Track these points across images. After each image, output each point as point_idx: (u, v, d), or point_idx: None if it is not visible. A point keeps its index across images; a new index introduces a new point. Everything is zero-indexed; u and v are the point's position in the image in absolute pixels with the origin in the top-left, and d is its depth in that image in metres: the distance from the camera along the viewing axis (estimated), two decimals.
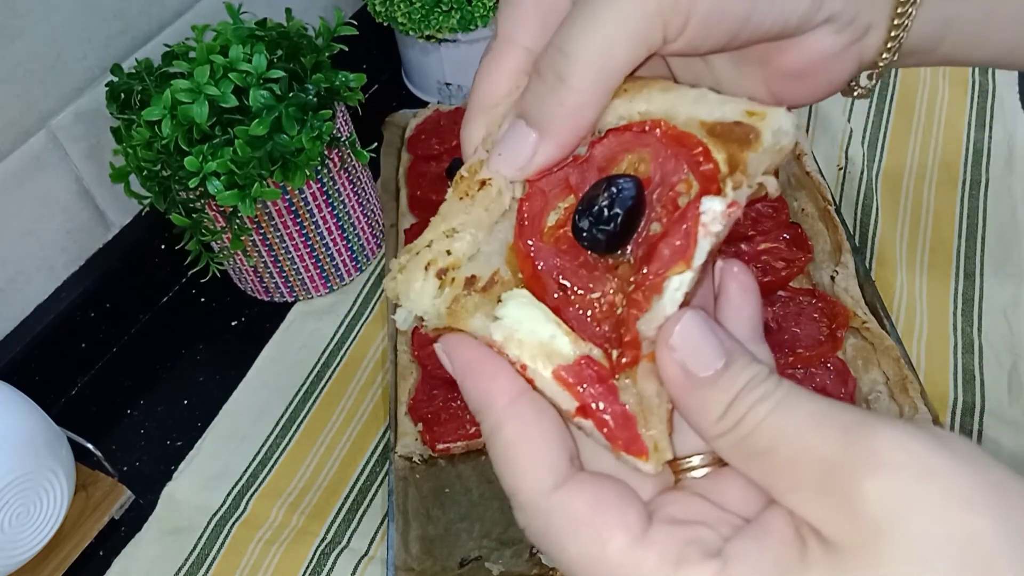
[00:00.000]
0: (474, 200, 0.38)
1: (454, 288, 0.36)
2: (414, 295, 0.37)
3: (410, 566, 0.66)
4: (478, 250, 0.37)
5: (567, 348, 0.34)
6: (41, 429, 0.68)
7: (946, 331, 0.76)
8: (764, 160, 0.35)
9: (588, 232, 0.35)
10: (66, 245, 0.84)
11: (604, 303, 0.36)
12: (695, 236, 0.34)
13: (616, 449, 0.34)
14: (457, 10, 0.94)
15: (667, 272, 0.34)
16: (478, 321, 0.35)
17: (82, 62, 0.80)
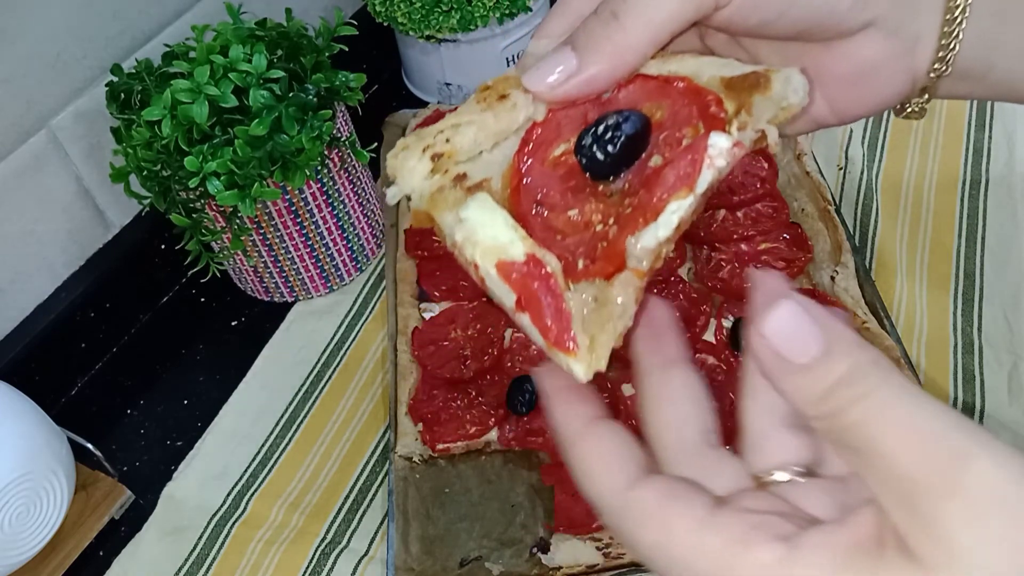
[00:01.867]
0: (490, 107, 0.40)
1: (444, 177, 0.38)
2: (407, 172, 0.39)
3: (410, 566, 0.66)
4: (480, 154, 0.39)
5: (519, 252, 0.36)
6: (41, 429, 0.68)
7: (946, 331, 0.76)
8: (769, 108, 0.37)
9: (588, 149, 0.37)
10: (66, 245, 0.84)
11: (579, 221, 0.38)
12: (701, 165, 0.36)
13: (548, 344, 0.36)
14: (457, 10, 0.94)
15: (669, 196, 0.36)
16: (450, 217, 0.37)
17: (82, 62, 0.80)
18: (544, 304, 0.36)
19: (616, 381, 0.74)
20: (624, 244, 0.36)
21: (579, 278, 0.37)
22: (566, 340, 0.36)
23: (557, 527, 0.66)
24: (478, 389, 0.76)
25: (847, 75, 0.42)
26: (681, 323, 0.74)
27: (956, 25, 0.41)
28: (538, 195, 0.38)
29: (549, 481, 0.69)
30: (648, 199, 0.36)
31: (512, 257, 0.36)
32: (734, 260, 0.80)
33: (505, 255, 0.36)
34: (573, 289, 0.36)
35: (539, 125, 0.40)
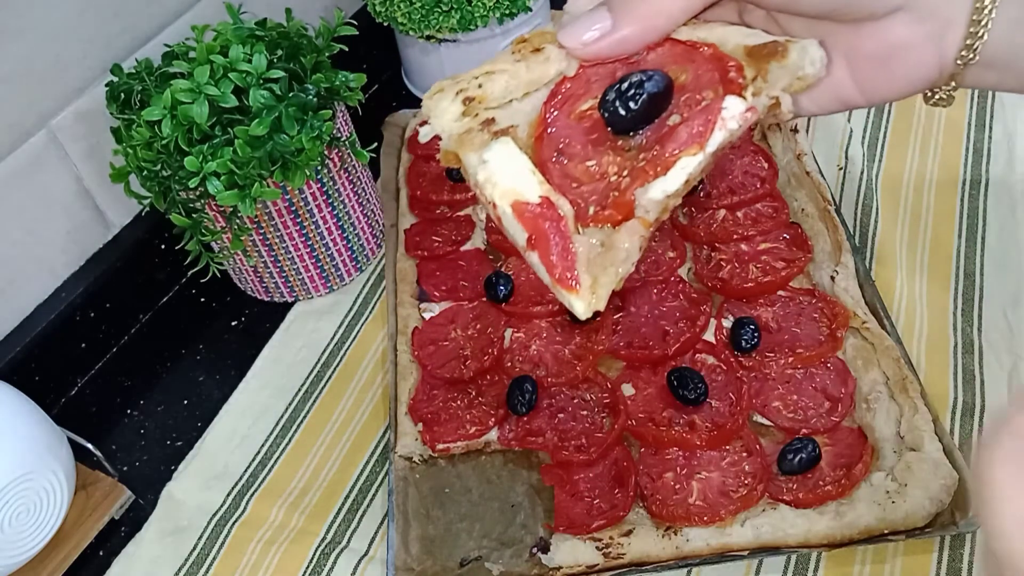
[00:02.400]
0: (524, 59, 0.42)
1: (473, 120, 0.41)
2: (439, 112, 0.42)
3: (410, 566, 0.66)
4: (510, 102, 0.42)
5: (534, 194, 0.39)
6: (41, 429, 0.68)
7: (946, 331, 0.76)
8: (785, 76, 0.39)
9: (612, 104, 0.40)
10: (66, 245, 0.84)
11: (596, 171, 0.40)
12: (713, 125, 0.39)
13: (553, 281, 0.39)
14: (457, 10, 0.94)
15: (681, 152, 0.39)
16: (475, 158, 0.40)
17: (82, 62, 0.79)
18: (552, 243, 0.38)
19: (616, 381, 0.74)
20: (632, 195, 0.39)
21: (589, 223, 0.39)
22: (569, 278, 0.38)
23: (557, 527, 0.66)
24: (478, 389, 0.76)
25: (876, 56, 0.43)
26: (682, 322, 0.73)
27: (985, 13, 0.41)
28: (560, 144, 0.41)
29: (549, 481, 0.69)
30: (661, 154, 0.39)
31: (528, 199, 0.39)
32: (734, 260, 0.80)
33: (521, 196, 0.39)
34: (582, 233, 0.39)
35: (569, 79, 0.42)
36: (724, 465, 0.67)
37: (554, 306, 0.79)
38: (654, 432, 0.69)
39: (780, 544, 0.63)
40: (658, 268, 0.80)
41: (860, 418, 0.69)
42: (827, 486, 0.64)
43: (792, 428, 0.69)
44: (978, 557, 0.32)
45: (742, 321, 0.74)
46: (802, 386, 0.71)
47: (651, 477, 0.67)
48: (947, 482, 0.62)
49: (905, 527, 0.62)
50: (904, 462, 0.64)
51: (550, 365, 0.76)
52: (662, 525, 0.65)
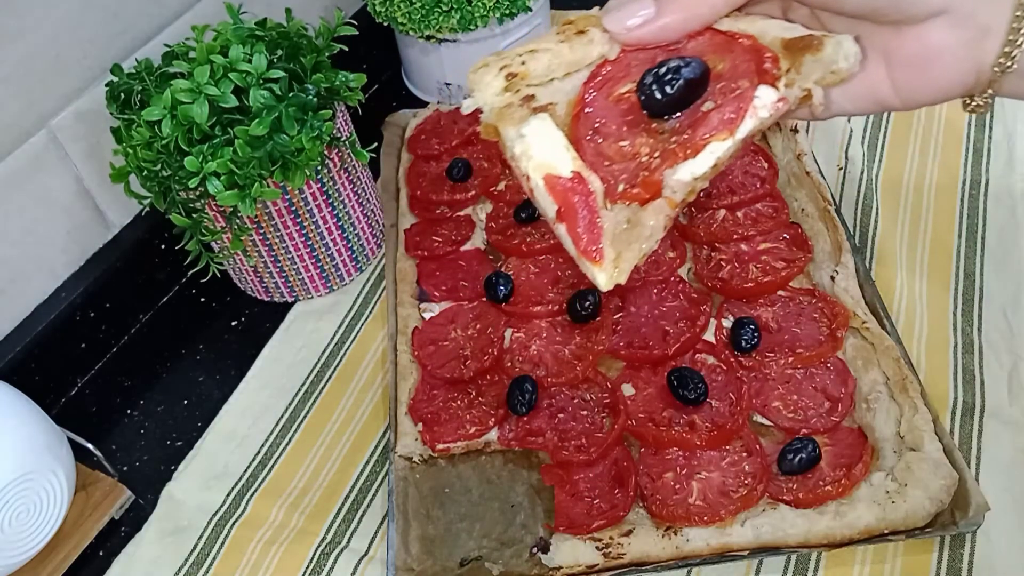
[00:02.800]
0: (567, 40, 0.44)
1: (514, 96, 0.42)
2: (483, 86, 0.44)
3: (410, 566, 0.66)
4: (551, 80, 0.43)
5: (567, 169, 0.41)
6: (41, 429, 0.68)
7: (946, 331, 0.76)
8: (818, 69, 0.41)
9: (649, 87, 0.41)
10: (66, 245, 0.84)
11: (628, 151, 0.42)
12: (744, 113, 0.40)
13: (578, 253, 0.40)
14: (457, 10, 0.94)
15: (711, 137, 0.40)
16: (512, 131, 0.42)
17: (82, 62, 0.79)
18: (580, 216, 0.40)
19: (616, 381, 0.74)
20: (661, 176, 0.40)
21: (617, 200, 0.41)
22: (594, 251, 0.40)
23: (557, 527, 0.66)
24: (478, 389, 0.76)
25: (914, 59, 0.43)
26: (682, 322, 0.74)
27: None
28: (596, 124, 0.42)
29: (549, 481, 0.69)
30: (692, 137, 0.40)
31: (560, 173, 0.41)
32: (734, 260, 0.80)
33: (554, 170, 0.41)
34: (610, 209, 0.41)
35: (610, 62, 0.43)
36: (724, 465, 0.67)
37: (554, 306, 0.79)
38: (654, 432, 0.69)
39: (780, 544, 0.63)
40: (658, 268, 0.80)
41: (860, 418, 0.69)
42: (827, 486, 0.64)
43: (792, 428, 0.69)
44: None
45: (742, 321, 0.74)
46: (802, 386, 0.71)
47: (651, 477, 0.67)
48: (947, 482, 0.62)
49: (905, 527, 0.62)
50: (904, 462, 0.64)
51: (550, 365, 0.76)
52: (662, 525, 0.64)
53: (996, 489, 0.65)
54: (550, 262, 0.84)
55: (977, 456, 0.69)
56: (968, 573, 0.63)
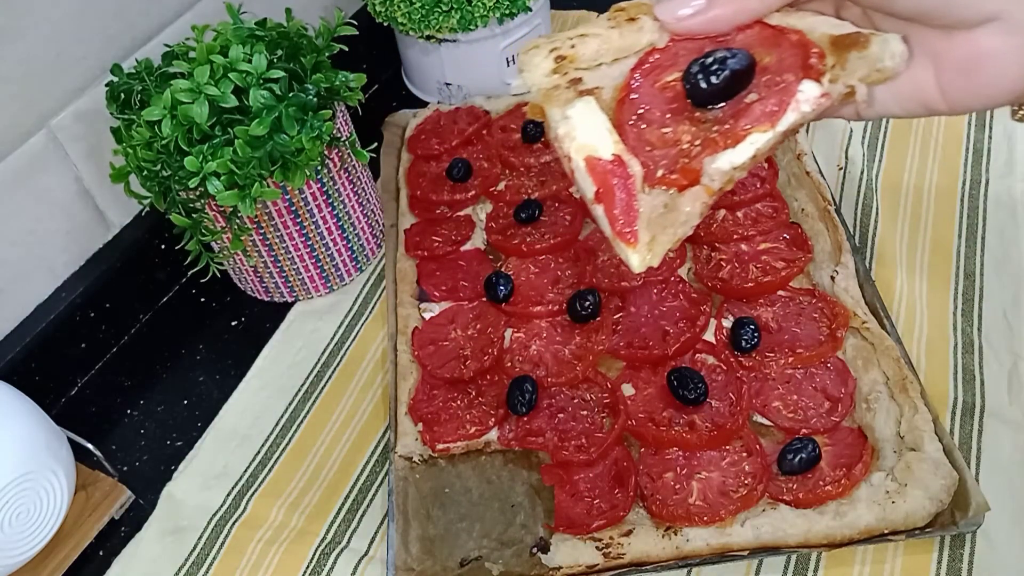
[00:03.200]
0: (618, 26, 0.44)
1: (562, 78, 0.43)
2: (532, 67, 0.44)
3: (410, 566, 0.66)
4: (598, 65, 0.44)
5: (608, 152, 0.42)
6: (41, 429, 0.68)
7: (946, 331, 0.76)
8: (863, 66, 0.41)
9: (694, 77, 0.42)
10: (66, 245, 0.84)
11: (670, 138, 0.43)
12: (787, 106, 0.41)
13: (613, 234, 0.41)
14: (457, 10, 0.94)
15: (752, 128, 0.41)
16: (558, 113, 0.43)
17: (82, 62, 0.79)
18: (617, 198, 0.41)
19: (616, 381, 0.74)
20: (700, 163, 0.41)
21: (655, 185, 0.42)
22: (629, 233, 0.41)
23: (557, 527, 0.66)
24: (478, 389, 0.76)
25: (963, 64, 0.43)
26: (682, 322, 0.74)
27: None
28: (640, 110, 0.43)
29: (549, 481, 0.69)
30: (733, 128, 0.41)
31: (601, 155, 0.42)
32: (734, 260, 0.80)
33: (595, 152, 0.42)
34: (648, 193, 0.42)
35: (658, 51, 0.44)
36: (724, 465, 0.67)
37: (554, 306, 0.79)
38: (654, 432, 0.69)
39: (780, 544, 0.63)
40: (658, 268, 0.80)
41: (860, 418, 0.69)
42: (827, 486, 0.64)
43: (792, 428, 0.69)
44: None
45: (742, 321, 0.74)
46: (802, 386, 0.71)
47: (651, 477, 0.67)
48: (947, 482, 0.62)
49: (905, 527, 0.62)
50: (904, 462, 0.64)
51: (550, 365, 0.76)
52: (662, 525, 0.64)
53: (996, 489, 0.65)
54: (550, 262, 0.84)
55: (977, 456, 0.69)
56: (968, 573, 0.63)
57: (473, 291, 0.83)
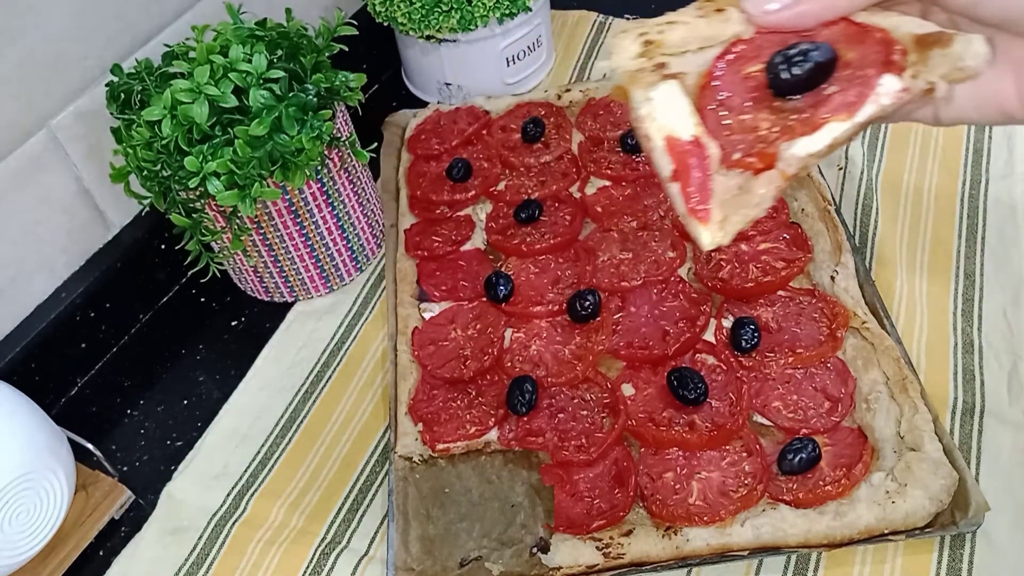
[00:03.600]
0: (705, 16, 0.46)
1: (648, 62, 0.45)
2: (620, 50, 0.46)
3: (410, 566, 0.66)
4: (684, 52, 0.46)
5: (687, 133, 0.44)
6: (41, 429, 0.68)
7: (946, 331, 0.76)
8: (944, 64, 0.43)
9: (777, 67, 0.44)
10: (66, 245, 0.84)
11: (749, 124, 0.44)
12: (866, 98, 0.42)
13: (686, 211, 0.43)
14: (457, 10, 0.94)
15: (831, 117, 0.43)
16: (641, 94, 0.45)
17: (82, 62, 0.79)
18: (693, 177, 0.43)
19: (616, 381, 0.74)
20: (777, 148, 0.43)
21: (731, 167, 0.43)
22: (702, 211, 0.43)
23: (557, 527, 0.66)
24: (478, 389, 0.76)
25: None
26: (682, 322, 0.74)
27: None
28: (721, 96, 0.45)
29: (549, 481, 0.69)
30: (812, 116, 0.43)
31: (680, 136, 0.44)
32: (734, 260, 0.80)
33: (675, 133, 0.44)
34: (724, 174, 0.43)
35: (743, 42, 0.46)
36: (724, 465, 0.67)
37: (554, 306, 0.79)
38: (654, 432, 0.69)
39: (780, 544, 0.63)
40: (658, 268, 0.80)
41: (860, 418, 0.69)
42: (827, 486, 0.64)
43: (792, 428, 0.69)
44: None
45: (742, 321, 0.74)
46: (802, 386, 0.71)
47: (651, 477, 0.67)
48: (947, 482, 0.62)
49: (905, 527, 0.62)
50: (904, 462, 0.64)
51: (550, 365, 0.76)
52: (662, 525, 0.65)
53: (996, 489, 0.65)
54: (550, 262, 0.84)
55: (977, 456, 0.69)
56: (968, 573, 0.63)
57: (473, 291, 0.83)
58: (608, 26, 1.12)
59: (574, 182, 0.90)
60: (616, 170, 0.90)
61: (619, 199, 0.88)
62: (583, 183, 0.90)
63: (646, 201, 0.86)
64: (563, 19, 1.14)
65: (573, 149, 0.93)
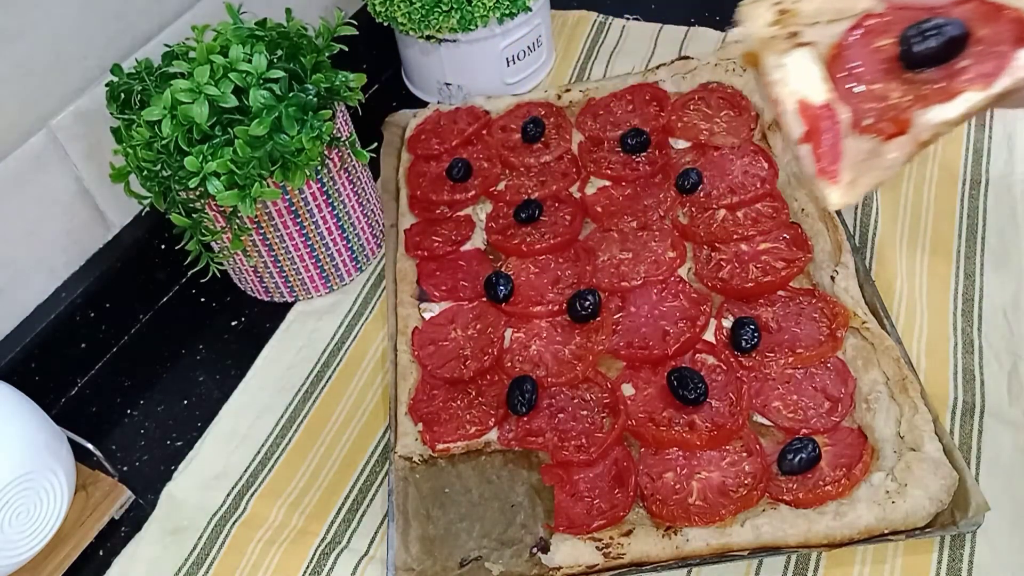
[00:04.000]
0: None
1: (780, 30, 0.47)
2: (752, 18, 0.48)
3: (410, 566, 0.66)
4: (816, 23, 0.48)
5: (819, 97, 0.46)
6: (41, 429, 0.68)
7: (946, 331, 0.76)
8: None
9: (910, 40, 0.45)
10: (66, 245, 0.84)
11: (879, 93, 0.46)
12: (1003, 70, 0.44)
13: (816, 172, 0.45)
14: (457, 10, 0.94)
15: (966, 87, 0.44)
16: (773, 60, 0.47)
17: (82, 62, 0.79)
18: (824, 139, 0.45)
19: (616, 381, 0.74)
20: (911, 115, 0.45)
21: (863, 132, 0.46)
22: (832, 171, 0.45)
23: (557, 527, 0.66)
24: (478, 389, 0.76)
25: None
26: (682, 322, 0.74)
27: None
28: (851, 66, 0.47)
29: (549, 481, 0.69)
30: (947, 86, 0.44)
31: (813, 100, 0.46)
32: (734, 260, 0.80)
33: (807, 97, 0.46)
34: (854, 138, 0.46)
35: (874, 16, 0.47)
36: (724, 465, 0.67)
37: (554, 306, 0.79)
38: (654, 432, 0.69)
39: (780, 544, 0.63)
40: (658, 268, 0.80)
41: (860, 418, 0.69)
42: (827, 486, 0.64)
43: (792, 428, 0.69)
44: None
45: (742, 321, 0.74)
46: (802, 386, 0.71)
47: (651, 477, 0.67)
48: (947, 482, 0.62)
49: (905, 527, 0.62)
50: (904, 462, 0.64)
51: (550, 365, 0.76)
52: (662, 525, 0.65)
53: (996, 489, 0.65)
54: (550, 262, 0.84)
55: (977, 456, 0.69)
56: (968, 573, 0.63)
57: (473, 291, 0.83)
58: (608, 26, 1.12)
59: (574, 182, 0.90)
60: (616, 170, 0.90)
61: (619, 199, 0.88)
62: (583, 183, 0.90)
63: (646, 201, 0.86)
64: (563, 19, 1.14)
65: (573, 149, 0.93)
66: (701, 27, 1.09)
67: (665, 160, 0.89)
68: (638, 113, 0.94)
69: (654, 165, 0.89)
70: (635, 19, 1.13)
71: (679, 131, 0.92)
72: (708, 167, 0.87)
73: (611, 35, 1.11)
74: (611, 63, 1.08)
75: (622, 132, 0.92)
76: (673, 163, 0.89)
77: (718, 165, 0.87)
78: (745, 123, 0.90)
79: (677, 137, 0.92)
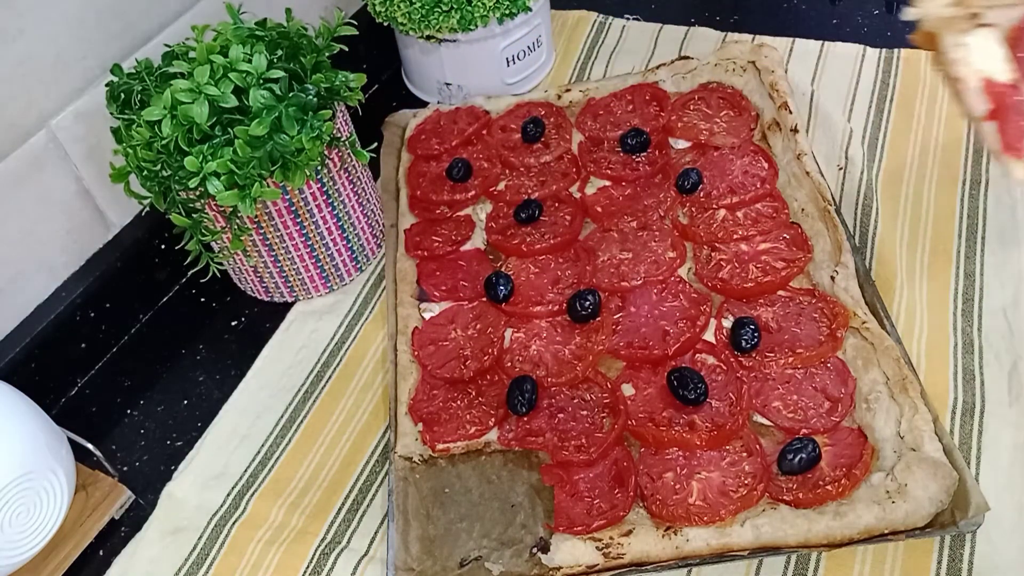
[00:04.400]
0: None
1: (959, 10, 0.49)
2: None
3: (410, 566, 0.66)
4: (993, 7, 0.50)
5: (1005, 77, 0.49)
6: (41, 429, 0.68)
7: (946, 331, 0.76)
8: None
9: None
10: (66, 245, 0.84)
11: None
12: None
13: (1001, 148, 0.49)
14: (457, 10, 0.94)
15: None
16: (952, 38, 0.49)
17: (82, 62, 0.80)
18: (1010, 117, 0.49)
19: (616, 381, 0.74)
20: None
21: None
22: (1018, 148, 0.49)
23: (557, 527, 0.66)
24: (478, 389, 0.76)
25: None
26: (682, 322, 0.74)
27: None
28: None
29: (549, 481, 0.69)
30: None
31: (999, 79, 0.49)
32: (734, 260, 0.80)
33: (992, 76, 0.49)
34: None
35: None
36: (724, 465, 0.67)
37: (554, 306, 0.79)
38: (654, 432, 0.69)
39: (780, 544, 0.63)
40: (658, 268, 0.80)
41: (860, 418, 0.69)
42: (827, 486, 0.64)
43: (792, 428, 0.69)
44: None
45: (742, 321, 0.74)
46: (802, 386, 0.71)
47: (651, 477, 0.67)
48: (947, 482, 0.62)
49: (905, 527, 0.62)
50: (904, 462, 0.64)
51: (550, 365, 0.76)
52: (662, 525, 0.65)
53: (996, 489, 0.65)
54: (550, 262, 0.84)
55: (977, 456, 0.69)
56: (968, 573, 0.63)
57: (473, 291, 0.83)
58: (608, 26, 1.12)
59: (574, 182, 0.90)
60: (616, 170, 0.90)
61: (619, 199, 0.88)
62: (583, 183, 0.90)
63: (646, 201, 0.86)
64: (563, 19, 1.14)
65: (573, 149, 0.93)
66: (701, 27, 1.09)
67: (665, 160, 0.89)
68: (638, 113, 0.94)
69: (654, 165, 0.89)
70: (635, 19, 1.13)
71: (679, 131, 0.92)
72: (708, 167, 0.87)
73: (611, 35, 1.11)
74: (611, 63, 1.08)
75: (622, 132, 0.92)
76: (673, 163, 0.89)
77: (718, 165, 0.87)
78: (745, 123, 0.90)
79: (677, 137, 0.92)
